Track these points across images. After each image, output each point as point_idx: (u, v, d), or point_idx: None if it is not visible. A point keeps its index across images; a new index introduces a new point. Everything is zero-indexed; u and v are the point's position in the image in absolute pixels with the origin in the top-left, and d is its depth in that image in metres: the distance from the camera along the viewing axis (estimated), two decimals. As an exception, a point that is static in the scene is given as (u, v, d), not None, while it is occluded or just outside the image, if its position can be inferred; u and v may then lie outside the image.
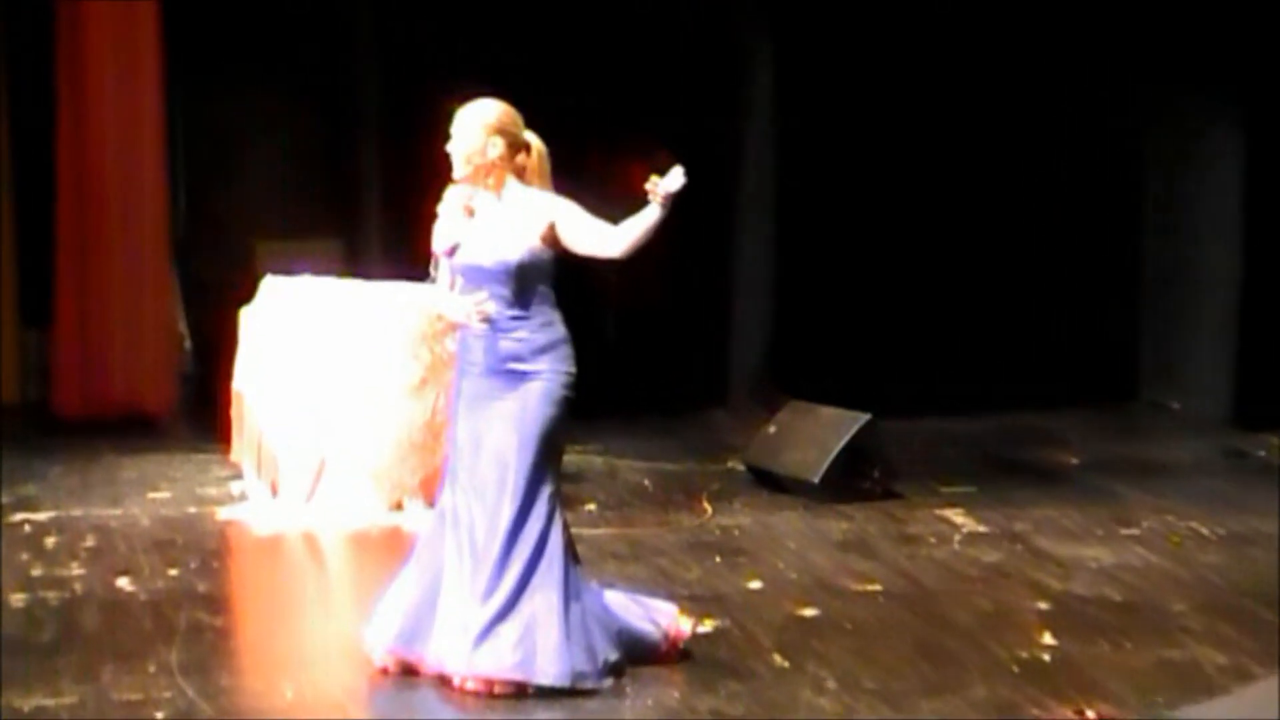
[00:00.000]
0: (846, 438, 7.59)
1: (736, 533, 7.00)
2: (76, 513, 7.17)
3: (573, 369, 4.71)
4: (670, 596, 5.47)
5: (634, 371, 10.01)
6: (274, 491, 7.33)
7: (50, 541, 6.67)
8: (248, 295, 7.54)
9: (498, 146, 4.72)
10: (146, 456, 8.35)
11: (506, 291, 4.70)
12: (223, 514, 7.23)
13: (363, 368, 7.14)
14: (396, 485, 7.16)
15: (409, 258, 8.31)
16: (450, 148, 4.76)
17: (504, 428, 4.67)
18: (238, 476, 7.62)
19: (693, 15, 10.28)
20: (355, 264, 9.56)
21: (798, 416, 7.99)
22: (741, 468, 8.15)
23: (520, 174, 4.78)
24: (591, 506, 7.46)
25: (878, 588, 6.11)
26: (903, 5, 10.23)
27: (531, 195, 4.75)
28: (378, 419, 7.12)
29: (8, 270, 9.51)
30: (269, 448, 7.32)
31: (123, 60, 9.31)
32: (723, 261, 10.44)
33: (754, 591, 6.05)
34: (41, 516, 7.08)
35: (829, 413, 7.87)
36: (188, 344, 10.13)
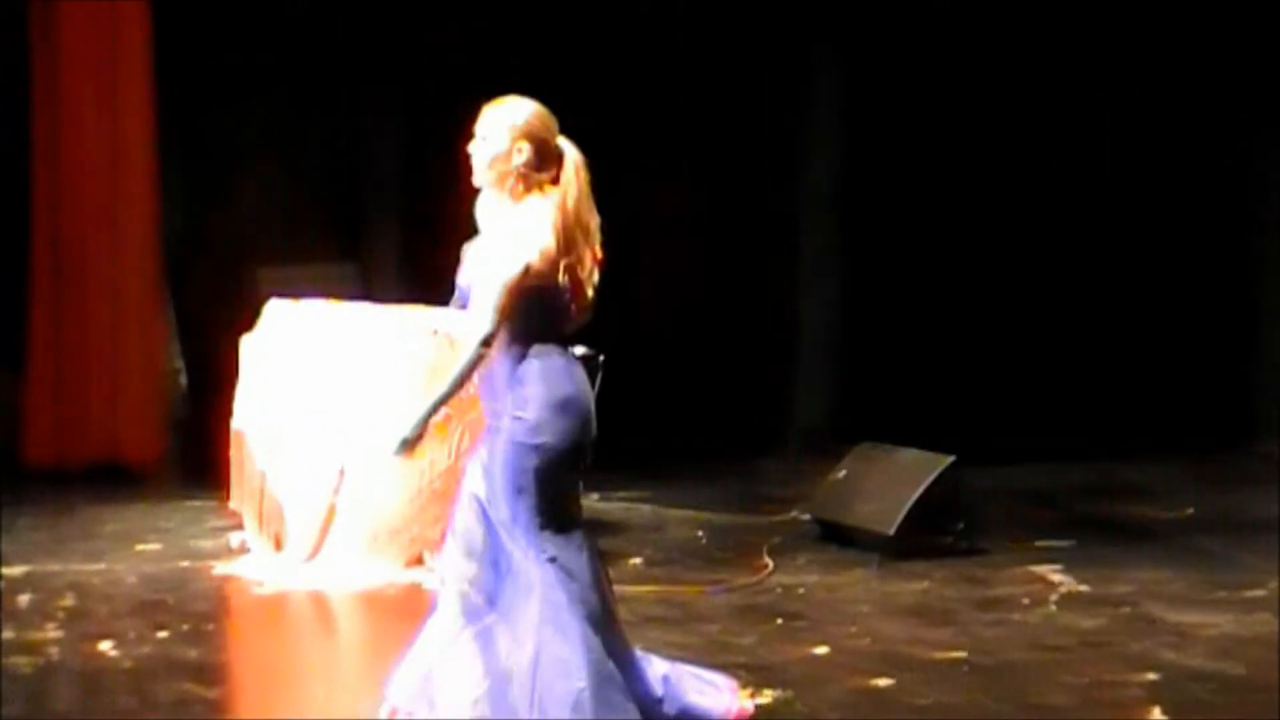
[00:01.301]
0: (925, 485, 7.53)
1: (799, 593, 6.94)
2: (54, 568, 7.17)
3: (532, 416, 4.57)
4: (722, 666, 5.39)
5: (686, 410, 10.00)
6: (277, 545, 7.30)
7: (23, 600, 6.65)
8: (249, 324, 7.53)
9: (524, 153, 4.65)
10: (132, 506, 8.37)
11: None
12: (219, 570, 7.22)
13: (377, 404, 7.09)
14: (415, 538, 7.11)
15: (429, 282, 8.32)
16: (472, 149, 4.70)
17: (481, 475, 4.66)
18: (236, 527, 7.60)
19: (758, 46, 10.33)
20: (369, 289, 9.57)
21: (870, 461, 7.93)
22: (806, 519, 8.11)
23: (543, 186, 4.67)
24: (636, 562, 7.43)
25: (959, 657, 6.02)
26: (988, 24, 10.24)
27: (513, 222, 4.63)
28: (393, 463, 7.04)
29: None
30: (272, 495, 7.29)
31: (107, 67, 9.35)
32: (787, 292, 10.48)
33: (818, 660, 5.99)
34: (14, 572, 7.08)
35: (905, 456, 7.81)
36: (183, 379, 10.15)
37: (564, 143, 4.71)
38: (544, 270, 4.55)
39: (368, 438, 7.09)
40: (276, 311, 7.48)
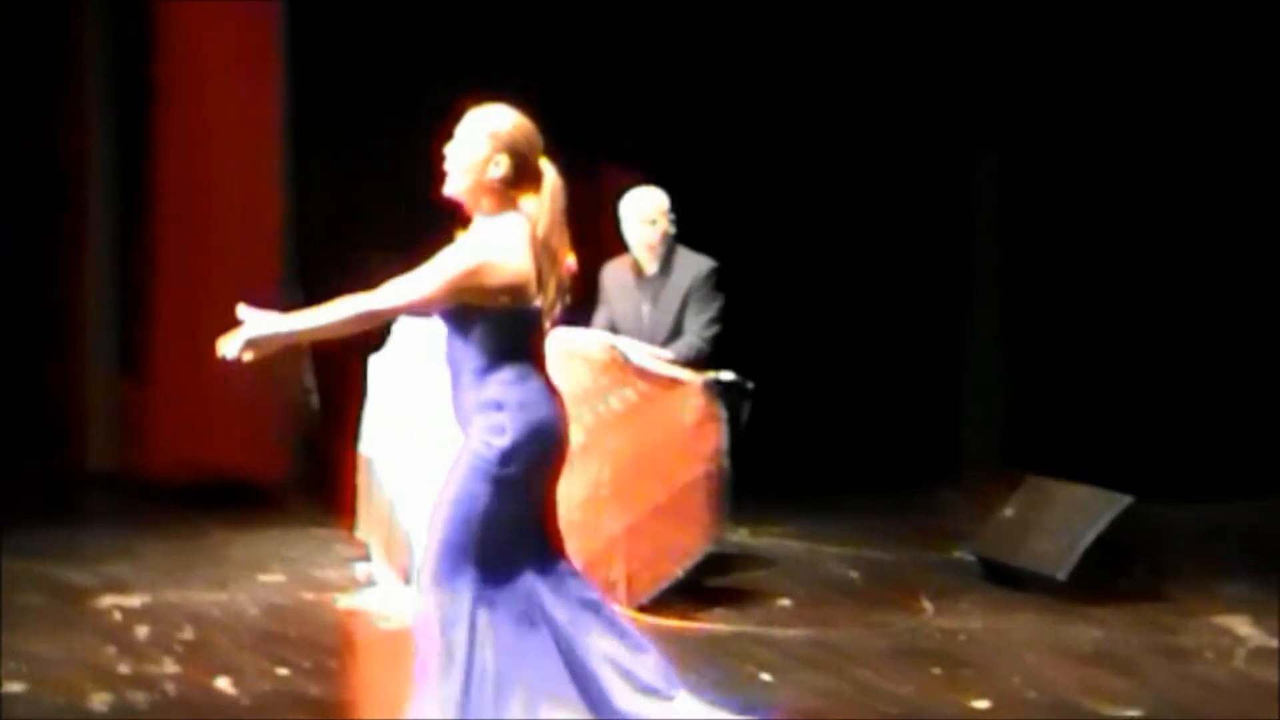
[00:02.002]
0: (1102, 525, 7.45)
1: (961, 638, 6.88)
2: (173, 598, 7.29)
3: (498, 441, 4.53)
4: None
5: (843, 442, 9.96)
6: (404, 577, 7.35)
7: (141, 632, 6.77)
8: (379, 342, 7.60)
9: (501, 166, 4.62)
10: (257, 532, 8.49)
11: (447, 335, 4.66)
12: (343, 603, 7.28)
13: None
14: (547, 573, 7.11)
15: (575, 300, 8.37)
16: (448, 151, 4.69)
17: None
18: (362, 558, 7.67)
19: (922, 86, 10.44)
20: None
21: (1041, 497, 7.85)
22: (970, 559, 8.05)
23: (516, 203, 4.61)
24: (785, 602, 7.41)
25: (1137, 714, 5.91)
26: (1149, 56, 10.19)
27: (486, 234, 4.62)
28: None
29: (99, 314, 9.76)
30: (399, 525, 7.34)
31: (236, 67, 9.51)
32: (952, 319, 10.44)
33: (980, 713, 5.91)
34: (133, 602, 7.21)
35: (1080, 493, 7.73)
36: (315, 399, 10.27)
37: (544, 163, 4.67)
38: (518, 293, 4.52)
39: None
40: (406, 330, 7.54)
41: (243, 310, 4.52)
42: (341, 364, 8.83)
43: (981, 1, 10.43)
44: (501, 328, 4.53)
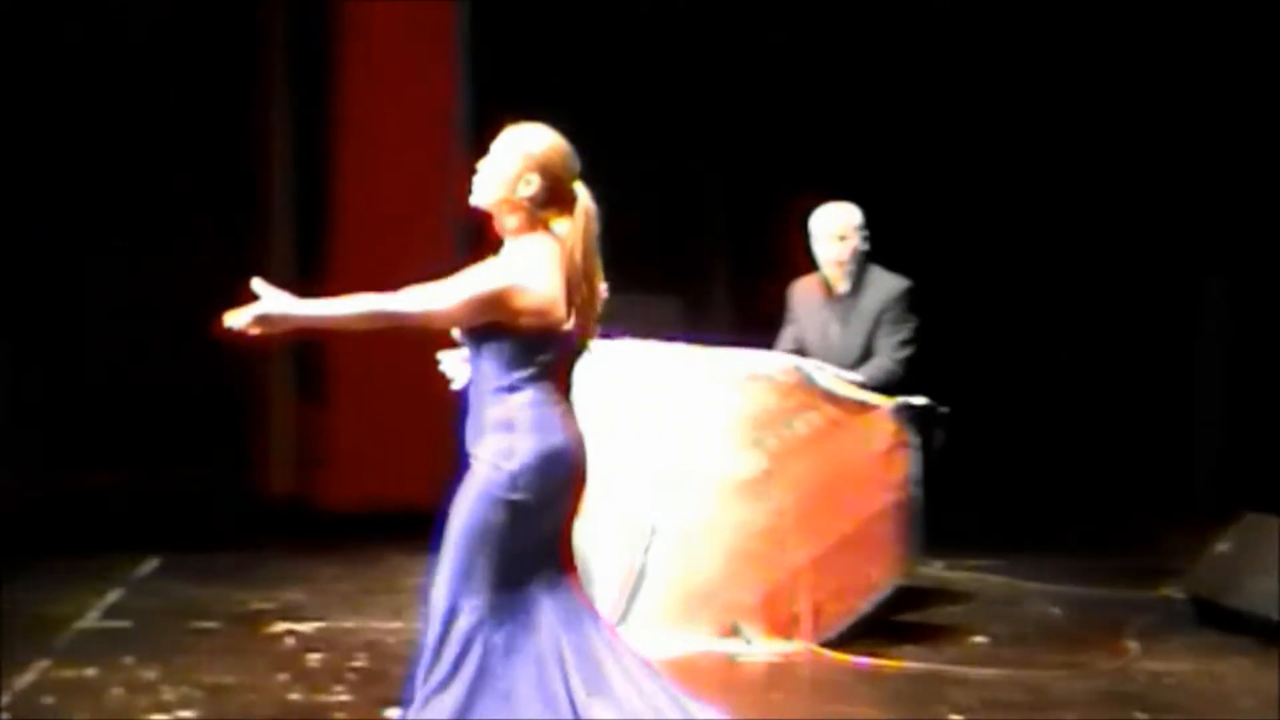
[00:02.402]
0: (1325, 562, 7.21)
1: (1170, 682, 6.70)
2: (348, 625, 7.35)
3: (506, 464, 4.51)
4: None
5: (1048, 474, 9.82)
6: (581, 607, 7.32)
7: (314, 659, 6.82)
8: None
9: (532, 185, 4.61)
10: (435, 559, 8.52)
11: (469, 352, 4.65)
12: (517, 633, 7.26)
13: (690, 456, 7.08)
14: (728, 606, 7.04)
15: (755, 320, 8.31)
16: (480, 165, 4.69)
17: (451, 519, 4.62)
18: (540, 586, 7.66)
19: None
20: (697, 324, 9.63)
21: (1258, 533, 7.65)
22: (1181, 597, 7.88)
23: (548, 225, 4.60)
24: (981, 639, 7.29)
25: (1359, 767, 5.69)
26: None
27: (515, 258, 4.60)
28: (706, 522, 7.04)
29: (280, 340, 9.90)
30: (577, 552, 7.30)
31: (416, 77, 9.60)
32: (1176, 344, 10.39)
33: (1188, 762, 5.76)
34: (307, 628, 7.28)
35: (1301, 529, 7.48)
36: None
37: (578, 187, 4.64)
38: (544, 316, 4.51)
39: (680, 492, 7.09)
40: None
41: (257, 284, 4.52)
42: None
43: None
44: (524, 350, 4.54)
